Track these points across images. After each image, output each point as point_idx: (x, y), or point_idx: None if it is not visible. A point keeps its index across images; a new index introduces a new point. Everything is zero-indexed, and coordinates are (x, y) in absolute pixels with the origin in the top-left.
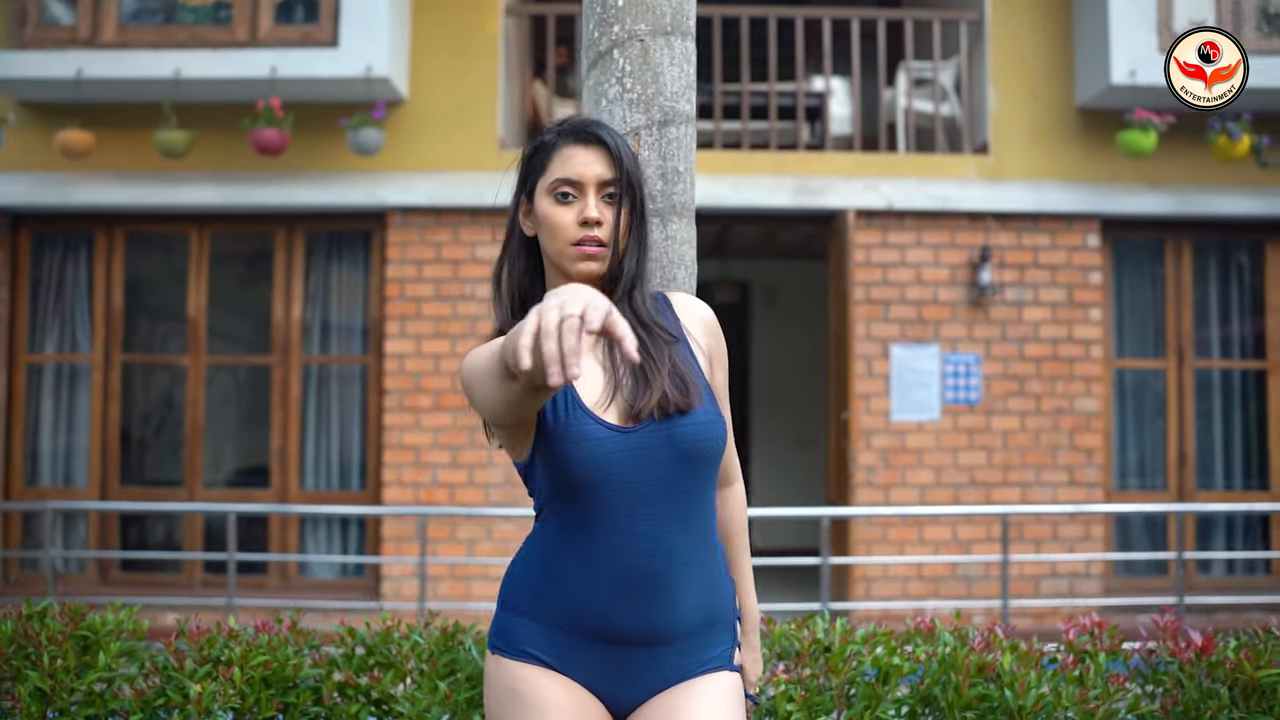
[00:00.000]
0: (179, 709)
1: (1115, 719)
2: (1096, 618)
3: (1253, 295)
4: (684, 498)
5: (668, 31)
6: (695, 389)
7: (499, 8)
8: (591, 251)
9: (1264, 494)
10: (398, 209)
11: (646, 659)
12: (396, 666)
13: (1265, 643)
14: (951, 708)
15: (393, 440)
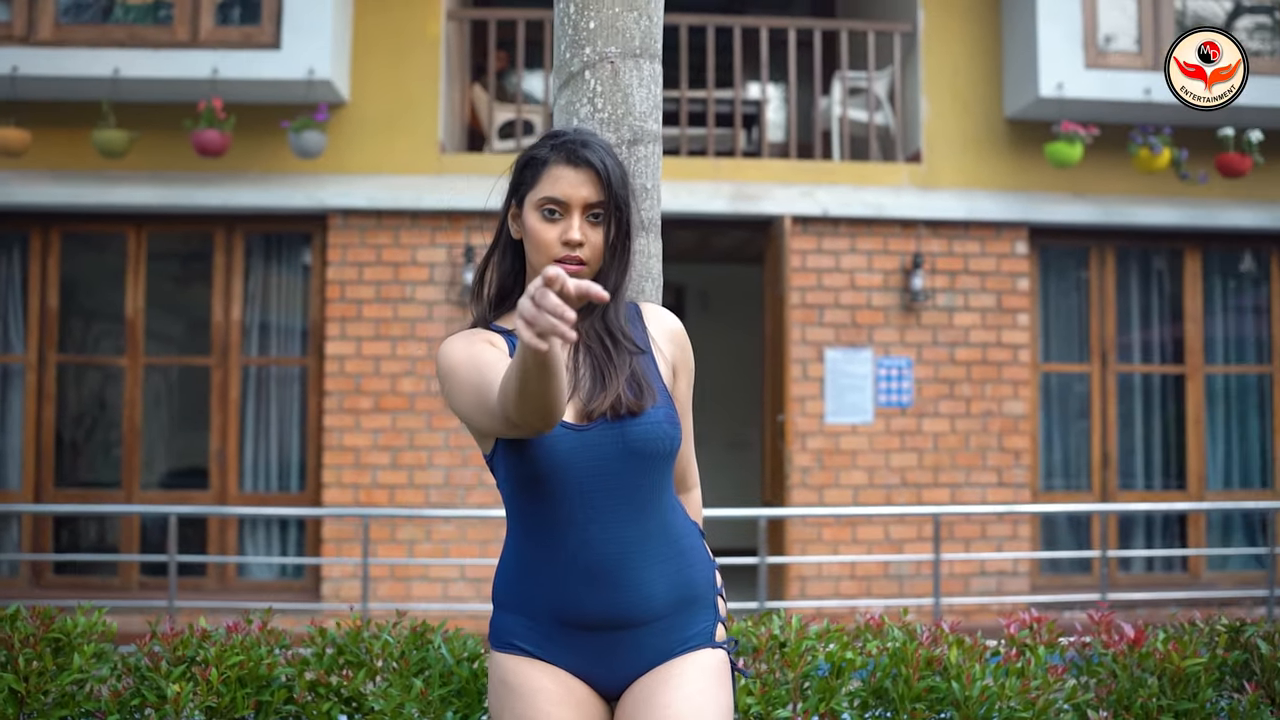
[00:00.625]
0: (155, 709)
1: (1053, 708)
2: (1036, 613)
3: (1171, 302)
4: (638, 491)
5: (637, 54)
6: (650, 392)
7: (440, 11)
8: (571, 269)
9: (1181, 494)
10: (339, 211)
11: (624, 642)
12: (368, 665)
13: (1190, 635)
14: (902, 699)
15: (333, 442)
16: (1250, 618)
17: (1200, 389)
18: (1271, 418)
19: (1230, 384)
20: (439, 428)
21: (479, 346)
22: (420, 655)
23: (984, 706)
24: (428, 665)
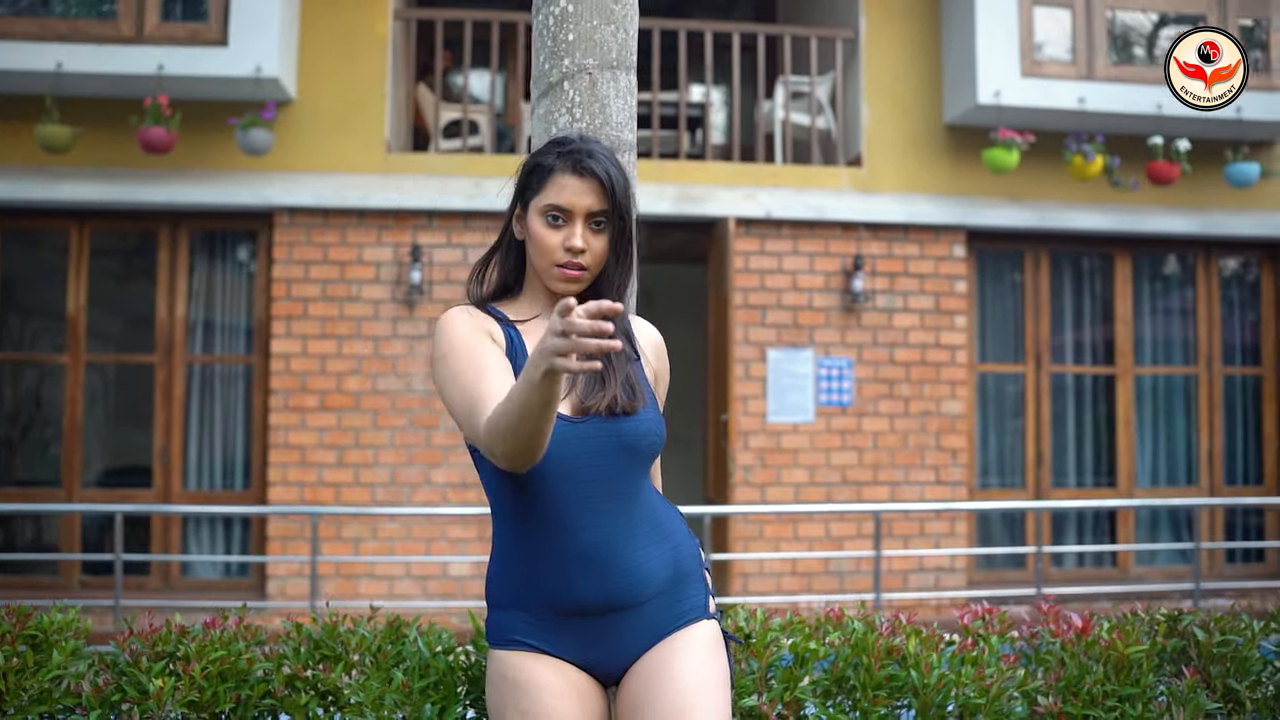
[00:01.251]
0: (136, 704)
1: (1005, 695)
2: (987, 605)
3: (1103, 305)
4: (626, 483)
5: (614, 66)
6: (641, 395)
7: (388, 11)
8: (572, 275)
9: (1111, 491)
10: (285, 209)
11: (623, 623)
12: (345, 659)
13: (1132, 624)
14: (864, 687)
15: (278, 440)
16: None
17: (1130, 389)
18: (1197, 417)
19: (1158, 384)
20: (385, 426)
21: (480, 339)
22: (396, 649)
23: (941, 694)
24: (404, 659)
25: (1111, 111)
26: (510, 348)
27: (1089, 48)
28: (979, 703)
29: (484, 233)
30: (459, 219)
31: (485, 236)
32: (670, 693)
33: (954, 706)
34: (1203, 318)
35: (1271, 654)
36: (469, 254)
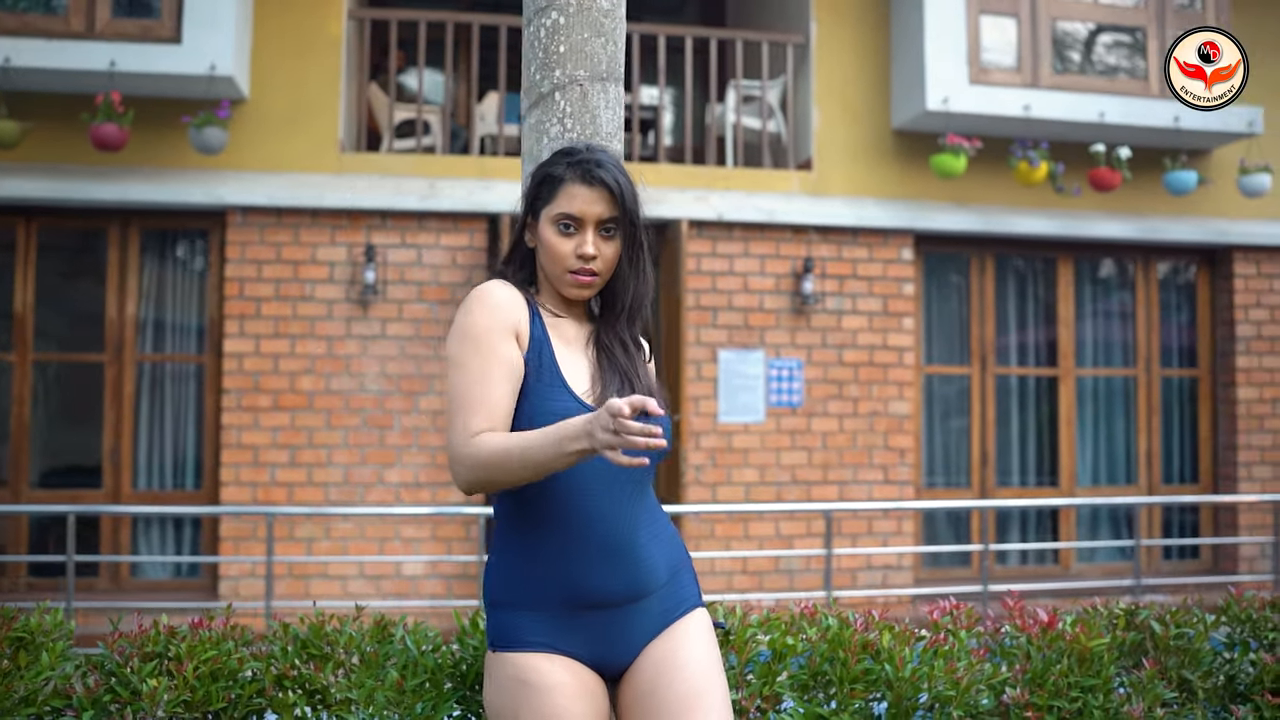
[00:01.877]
0: (129, 705)
1: (976, 686)
2: (955, 601)
3: (1046, 308)
4: (638, 482)
5: (603, 78)
6: (658, 399)
7: (342, 11)
8: (584, 280)
9: (1054, 490)
10: (238, 208)
11: (634, 614)
12: (333, 658)
13: (1093, 618)
14: (841, 681)
15: (231, 440)
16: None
17: (1072, 390)
18: (1136, 418)
19: (1099, 386)
20: (338, 426)
21: (501, 339)
22: (385, 648)
23: (915, 686)
24: (392, 657)
25: (1055, 119)
26: (534, 345)
27: (1034, 56)
28: (950, 695)
29: (437, 233)
30: (413, 219)
31: (439, 237)
32: (681, 679)
33: (926, 698)
34: (1142, 321)
35: (1221, 646)
36: (423, 254)
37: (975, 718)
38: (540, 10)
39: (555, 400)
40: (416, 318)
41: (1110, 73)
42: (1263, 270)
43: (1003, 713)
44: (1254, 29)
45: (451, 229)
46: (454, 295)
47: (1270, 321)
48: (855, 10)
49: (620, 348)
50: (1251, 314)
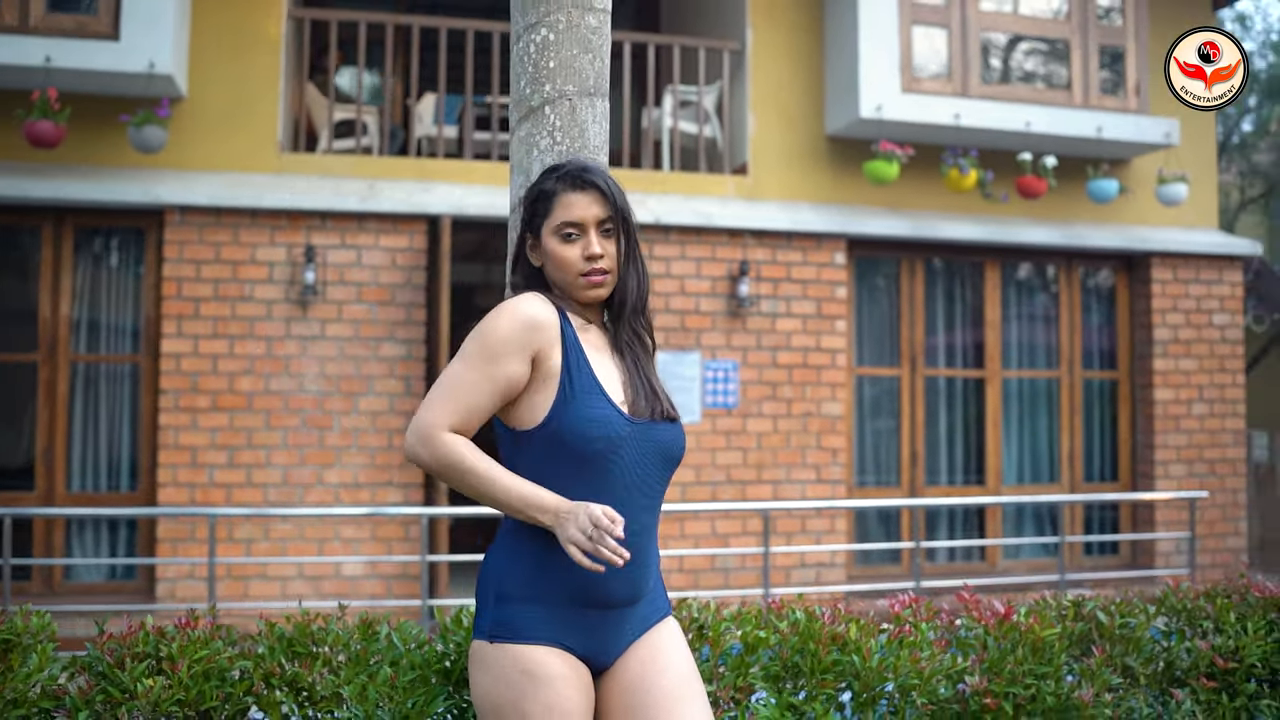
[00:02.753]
0: (123, 705)
1: (937, 675)
2: (913, 594)
3: (973, 311)
4: (658, 489)
5: (591, 93)
6: (670, 404)
7: (282, 11)
8: (598, 280)
9: (981, 488)
10: (176, 207)
11: (626, 615)
12: (322, 656)
13: (1045, 610)
14: (812, 672)
15: (168, 440)
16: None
17: (998, 391)
18: (1059, 418)
19: (1024, 387)
20: (277, 426)
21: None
22: (371, 645)
23: (880, 675)
24: (379, 654)
25: (984, 128)
26: (570, 354)
27: (964, 67)
28: (914, 683)
29: (377, 235)
30: (353, 220)
31: (378, 238)
32: (668, 676)
33: (892, 687)
34: (1065, 324)
35: (1159, 634)
36: (362, 255)
37: (936, 705)
38: (530, 26)
39: (595, 408)
40: (356, 318)
41: (1037, 83)
42: (1178, 276)
43: (962, 700)
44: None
45: (391, 230)
46: (394, 297)
47: (1186, 325)
48: (790, 18)
49: (641, 348)
50: (1168, 318)
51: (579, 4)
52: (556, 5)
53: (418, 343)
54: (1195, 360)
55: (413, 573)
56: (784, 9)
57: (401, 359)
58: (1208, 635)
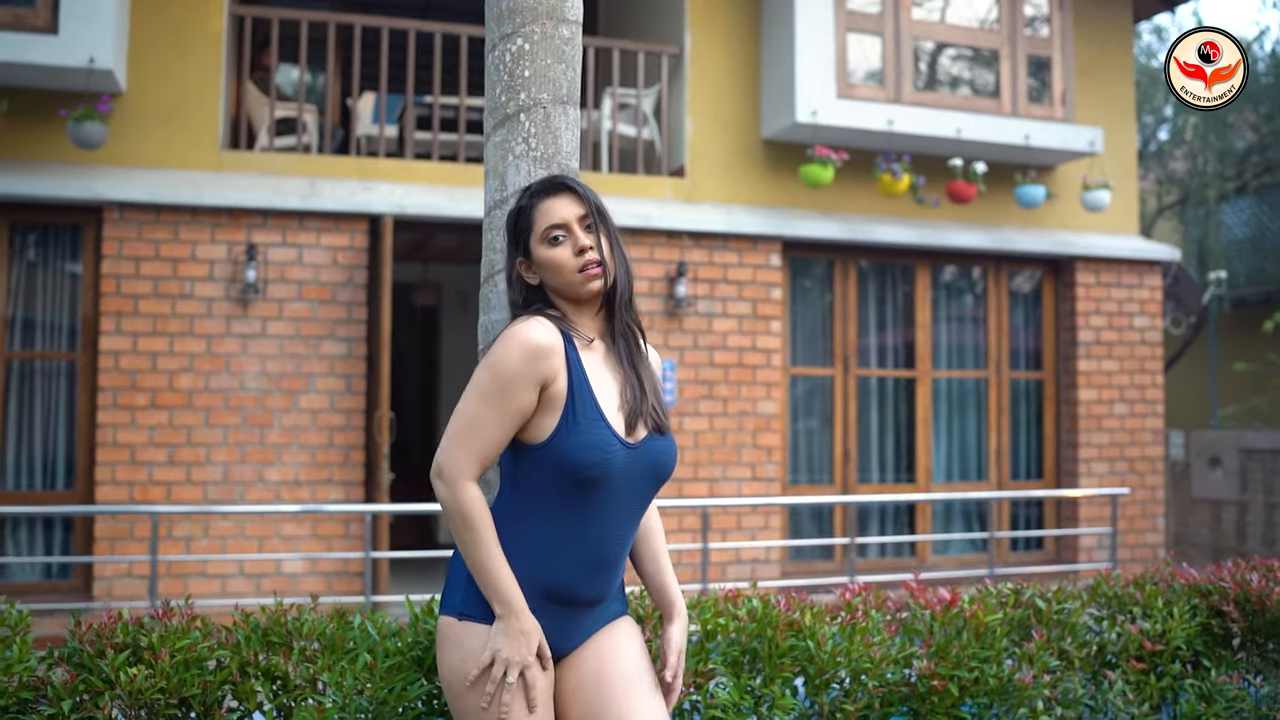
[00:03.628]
0: (106, 693)
1: (887, 660)
2: (863, 582)
3: (905, 312)
4: (644, 504)
5: (564, 101)
6: (666, 412)
7: (223, 8)
8: (594, 272)
9: (911, 486)
10: (115, 204)
11: (588, 614)
12: (299, 647)
13: (988, 597)
14: (770, 657)
15: (106, 438)
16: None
17: (928, 391)
18: (987, 417)
19: (953, 387)
20: (217, 424)
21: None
22: (346, 633)
23: (835, 659)
24: (354, 643)
25: (917, 134)
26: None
27: (897, 74)
28: (866, 666)
29: (318, 233)
30: (294, 218)
31: (320, 237)
32: (623, 666)
33: (845, 672)
34: (993, 326)
35: (1091, 620)
36: (303, 253)
37: (886, 688)
38: (506, 36)
39: (594, 434)
40: (297, 316)
41: (967, 91)
42: (1101, 280)
43: (910, 683)
44: (1095, 54)
45: (333, 229)
46: (334, 295)
47: (1108, 328)
48: (728, 24)
49: (634, 346)
50: (1091, 320)
51: (553, 16)
52: (532, 16)
53: (358, 341)
54: (1117, 361)
55: (353, 569)
56: (722, 15)
57: (342, 357)
58: (1136, 620)
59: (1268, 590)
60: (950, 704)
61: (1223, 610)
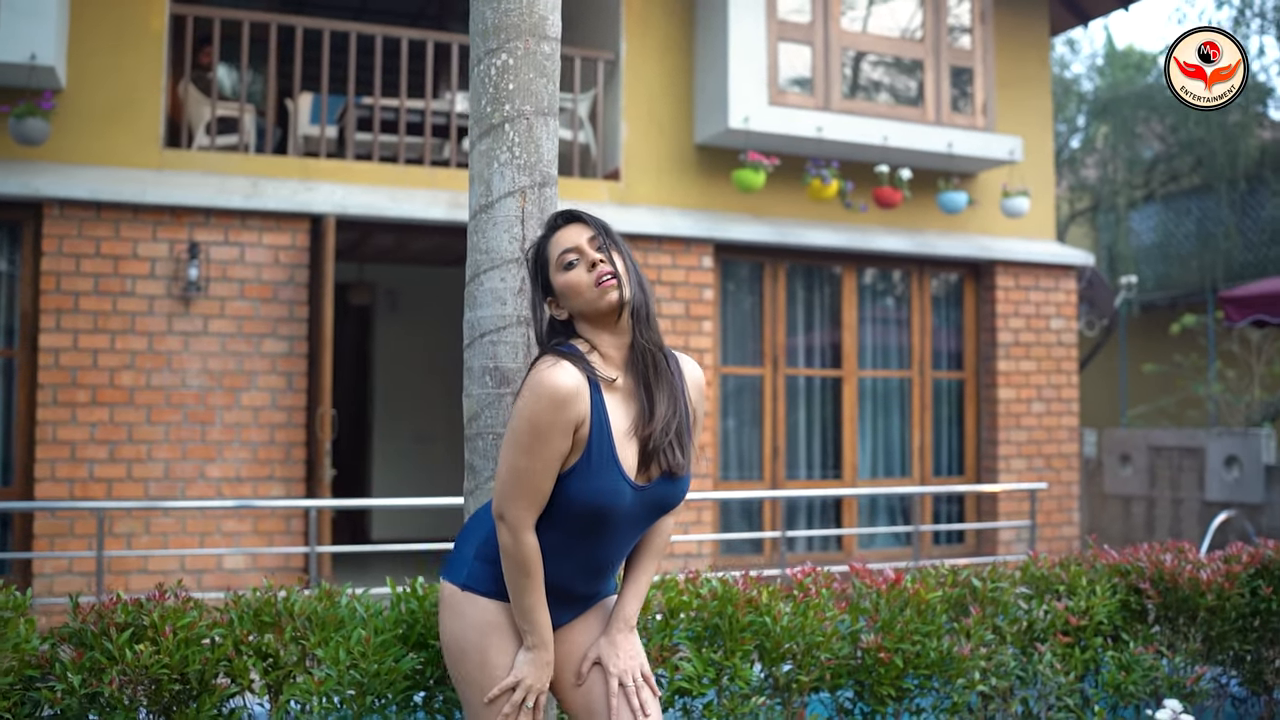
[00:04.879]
0: (108, 670)
1: (837, 635)
2: (812, 565)
3: (832, 314)
4: (647, 524)
5: (545, 112)
6: (689, 454)
7: (164, 6)
8: (610, 283)
9: (838, 481)
10: (55, 201)
11: (579, 605)
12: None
13: (927, 577)
14: (732, 631)
15: (46, 435)
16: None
17: (854, 390)
18: (910, 416)
19: (878, 386)
20: (159, 421)
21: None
22: (335, 612)
23: (790, 633)
24: (343, 621)
25: (845, 140)
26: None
27: (826, 83)
28: (819, 639)
29: (260, 232)
30: (236, 217)
31: (262, 236)
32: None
33: (800, 645)
34: (916, 327)
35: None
36: (245, 252)
37: (838, 660)
38: (491, 51)
39: (607, 480)
40: (239, 315)
41: (893, 100)
42: (1020, 283)
43: (858, 656)
44: (1014, 66)
45: (275, 228)
46: (276, 294)
47: (1026, 330)
48: (663, 32)
49: (655, 373)
50: (1010, 322)
51: (535, 33)
52: (515, 33)
53: (300, 339)
54: (1034, 362)
55: (294, 564)
56: (657, 22)
57: (283, 355)
58: (1062, 598)
59: (1180, 569)
60: (895, 675)
61: (1140, 588)
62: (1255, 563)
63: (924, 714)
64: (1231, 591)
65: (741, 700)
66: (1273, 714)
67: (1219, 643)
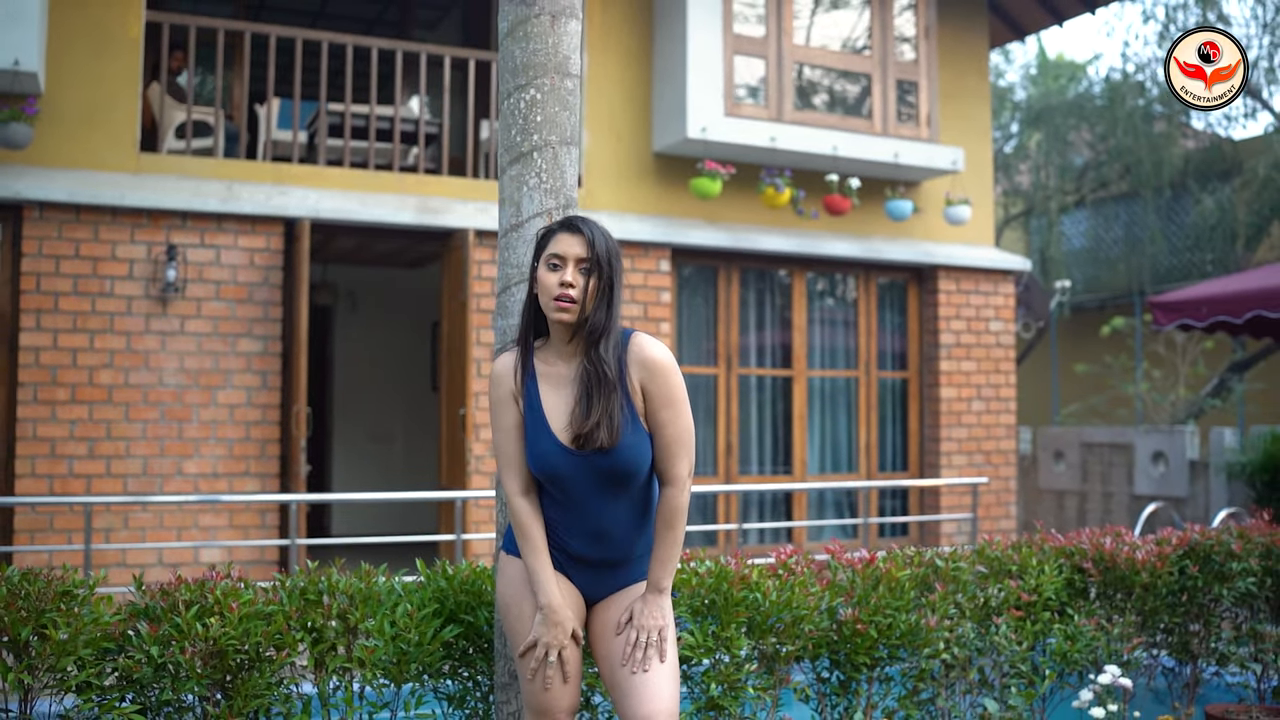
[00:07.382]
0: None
1: (819, 609)
2: (793, 547)
3: (783, 316)
4: (619, 491)
5: (568, 142)
6: (618, 430)
7: (141, 12)
8: (564, 305)
9: (788, 476)
10: (35, 203)
11: (607, 572)
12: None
13: (897, 558)
14: (726, 606)
15: (26, 432)
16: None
17: (804, 389)
18: (857, 414)
19: (826, 385)
20: (137, 419)
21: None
22: (374, 588)
23: (779, 609)
24: (380, 598)
25: (797, 150)
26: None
27: (779, 95)
28: (804, 613)
29: (235, 235)
30: (212, 220)
31: (237, 239)
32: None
33: (787, 618)
34: (863, 329)
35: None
36: (221, 254)
37: (820, 632)
38: (520, 87)
39: (539, 444)
40: (215, 315)
41: (843, 112)
42: (961, 287)
43: (837, 628)
44: (956, 79)
45: (250, 231)
46: (251, 295)
47: (967, 331)
48: (623, 44)
49: (595, 380)
50: (952, 325)
51: (559, 70)
52: (542, 71)
53: (274, 339)
54: (974, 362)
55: (269, 558)
56: (616, 35)
57: (258, 354)
58: (1015, 577)
59: (1118, 551)
60: (869, 645)
61: (1083, 568)
62: (1183, 545)
63: (892, 682)
64: (1163, 570)
65: (735, 668)
66: (1198, 681)
67: (1151, 617)
